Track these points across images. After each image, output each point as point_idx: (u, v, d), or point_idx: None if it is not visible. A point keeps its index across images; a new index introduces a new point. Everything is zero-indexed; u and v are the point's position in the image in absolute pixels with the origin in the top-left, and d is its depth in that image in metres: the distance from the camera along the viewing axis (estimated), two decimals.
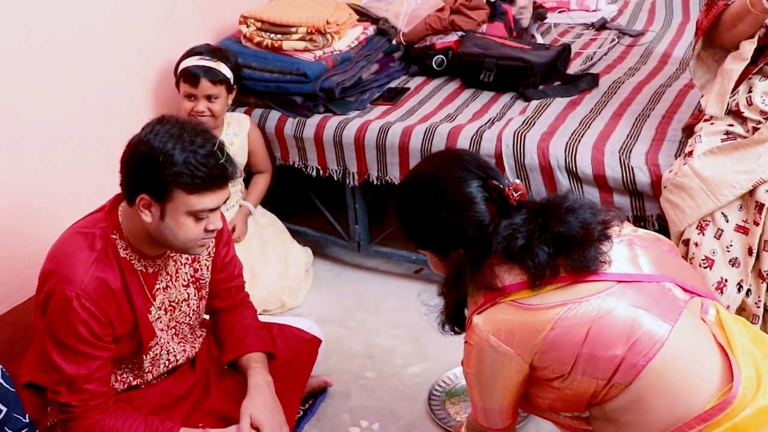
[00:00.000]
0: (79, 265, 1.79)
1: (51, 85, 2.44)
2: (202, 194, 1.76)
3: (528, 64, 2.91)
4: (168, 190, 1.74)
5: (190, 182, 1.73)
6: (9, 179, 2.35)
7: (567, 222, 1.49)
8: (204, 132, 1.80)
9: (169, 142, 1.73)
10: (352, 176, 2.84)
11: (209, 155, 1.74)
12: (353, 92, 2.98)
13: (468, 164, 1.59)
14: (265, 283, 2.79)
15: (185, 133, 1.75)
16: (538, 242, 1.47)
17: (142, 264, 1.90)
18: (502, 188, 1.53)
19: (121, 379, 2.00)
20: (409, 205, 1.62)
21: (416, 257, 2.94)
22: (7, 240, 2.37)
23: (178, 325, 2.04)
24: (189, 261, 2.02)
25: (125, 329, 1.89)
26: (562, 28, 3.76)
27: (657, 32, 3.57)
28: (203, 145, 1.75)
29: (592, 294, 1.45)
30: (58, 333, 1.79)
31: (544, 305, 1.46)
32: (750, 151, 2.01)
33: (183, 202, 1.76)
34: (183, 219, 1.78)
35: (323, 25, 2.89)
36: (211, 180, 1.75)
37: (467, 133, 2.60)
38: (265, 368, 2.09)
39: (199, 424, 2.02)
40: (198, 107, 2.66)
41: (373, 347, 2.63)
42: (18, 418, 1.82)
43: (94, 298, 1.78)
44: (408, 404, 2.37)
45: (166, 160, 1.72)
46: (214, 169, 1.75)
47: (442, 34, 3.26)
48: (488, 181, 1.55)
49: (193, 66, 2.65)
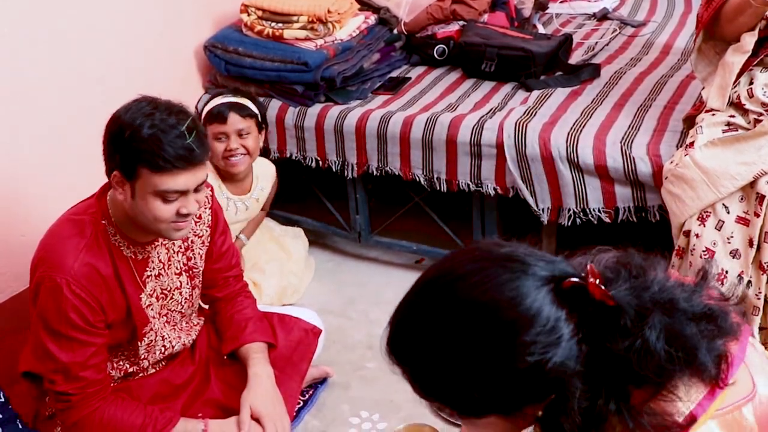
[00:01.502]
0: (69, 251, 1.78)
1: (50, 73, 2.43)
2: (168, 174, 1.71)
3: (530, 54, 2.90)
4: (135, 167, 1.72)
5: (154, 161, 1.69)
6: (8, 168, 2.35)
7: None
8: (179, 112, 1.75)
9: (139, 118, 1.70)
10: (351, 167, 2.84)
11: (178, 135, 1.70)
12: (354, 81, 2.97)
13: (521, 263, 1.08)
14: (267, 286, 2.79)
15: (158, 111, 1.72)
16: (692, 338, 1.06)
17: (131, 251, 1.88)
18: (583, 283, 1.05)
19: (118, 367, 2.00)
20: (449, 355, 1.07)
21: (417, 247, 2.94)
22: (6, 229, 2.37)
23: (170, 313, 2.03)
24: (182, 249, 2.01)
25: (118, 315, 1.88)
26: (563, 18, 3.74)
27: (659, 23, 3.55)
28: (174, 124, 1.71)
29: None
30: (51, 320, 1.78)
31: (735, 405, 1.10)
32: (751, 143, 2.01)
33: (149, 182, 1.72)
34: (150, 199, 1.74)
35: (324, 14, 2.88)
36: (177, 161, 1.70)
37: (468, 123, 2.59)
38: (265, 359, 2.09)
39: (198, 414, 2.02)
40: (231, 145, 2.52)
41: (373, 338, 2.63)
42: None
43: (84, 285, 1.77)
44: (408, 395, 2.35)
45: (133, 136, 1.69)
46: (180, 149, 1.70)
47: (444, 24, 3.25)
48: (561, 282, 1.06)
49: (218, 105, 2.55)
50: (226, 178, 2.63)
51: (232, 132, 2.53)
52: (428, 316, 1.10)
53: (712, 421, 1.06)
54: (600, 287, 1.04)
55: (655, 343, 1.03)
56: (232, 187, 2.65)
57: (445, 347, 1.07)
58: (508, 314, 1.03)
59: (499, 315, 1.04)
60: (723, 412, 1.07)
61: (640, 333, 1.03)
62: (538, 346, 1.02)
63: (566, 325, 1.03)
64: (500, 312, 1.04)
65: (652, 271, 1.11)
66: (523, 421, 1.13)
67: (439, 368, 1.09)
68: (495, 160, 2.55)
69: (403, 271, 3.00)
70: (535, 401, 1.07)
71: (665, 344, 1.03)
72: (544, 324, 1.02)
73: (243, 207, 2.69)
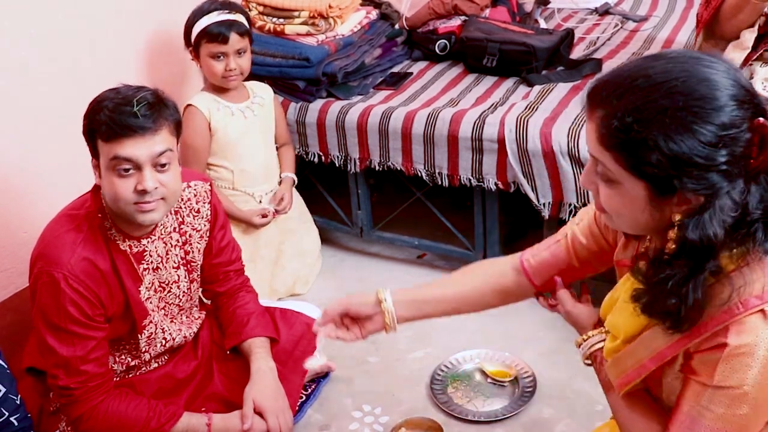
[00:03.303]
0: (66, 246, 1.79)
1: (53, 70, 2.43)
2: (116, 142, 1.72)
3: (531, 49, 2.90)
4: (94, 142, 1.76)
5: (103, 130, 1.72)
6: (10, 165, 2.35)
7: None
8: (141, 88, 1.78)
9: (107, 96, 1.76)
10: (353, 162, 2.84)
11: (128, 104, 1.72)
12: (356, 77, 2.97)
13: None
14: (282, 271, 2.81)
15: (123, 88, 1.77)
16: None
17: (127, 244, 1.89)
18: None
19: (120, 360, 2.00)
20: (660, 107, 1.11)
21: (418, 242, 2.94)
22: (10, 226, 2.38)
23: (168, 306, 2.03)
24: (180, 243, 2.01)
25: (117, 309, 1.89)
26: (565, 13, 3.74)
27: (660, 17, 3.55)
28: (128, 95, 1.75)
29: None
30: (50, 315, 1.79)
31: None
32: None
33: (104, 154, 1.75)
34: (107, 175, 1.76)
35: (326, 9, 2.88)
36: (123, 128, 1.71)
37: (470, 118, 2.60)
38: (267, 353, 2.10)
39: (201, 408, 2.03)
40: (230, 65, 2.52)
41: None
42: (13, 399, 1.83)
43: (82, 279, 1.78)
44: (410, 389, 2.38)
45: (92, 109, 1.75)
46: (127, 116, 1.71)
47: (445, 19, 3.25)
48: (756, 119, 1.12)
49: (216, 23, 2.50)
50: (221, 92, 2.63)
51: (232, 52, 2.53)
52: (636, 71, 1.16)
53: None
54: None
55: None
56: (229, 98, 2.65)
57: (640, 91, 1.13)
58: (696, 86, 1.10)
59: (689, 84, 1.11)
60: None
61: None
62: (720, 129, 1.09)
63: (744, 136, 1.10)
64: (691, 81, 1.11)
65: None
66: (660, 215, 1.18)
67: (630, 109, 1.13)
68: (496, 155, 2.56)
69: (405, 266, 3.01)
70: (691, 190, 1.12)
71: None
72: (729, 119, 1.09)
73: (250, 112, 2.67)
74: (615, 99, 1.15)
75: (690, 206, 1.14)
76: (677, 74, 1.12)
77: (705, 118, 1.09)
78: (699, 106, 1.09)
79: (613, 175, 1.18)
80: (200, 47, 2.54)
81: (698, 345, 1.20)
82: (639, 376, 1.29)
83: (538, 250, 1.63)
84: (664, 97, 1.11)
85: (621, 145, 1.14)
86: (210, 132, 2.60)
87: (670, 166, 1.10)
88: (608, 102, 1.16)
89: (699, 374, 1.21)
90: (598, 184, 1.22)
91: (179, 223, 2.00)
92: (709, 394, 1.20)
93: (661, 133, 1.10)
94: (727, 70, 1.13)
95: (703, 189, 1.11)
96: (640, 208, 1.18)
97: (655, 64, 1.15)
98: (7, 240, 2.38)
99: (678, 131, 1.09)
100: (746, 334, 1.15)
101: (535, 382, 2.32)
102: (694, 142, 1.09)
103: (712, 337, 1.18)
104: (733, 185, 1.11)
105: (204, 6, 2.55)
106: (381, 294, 1.64)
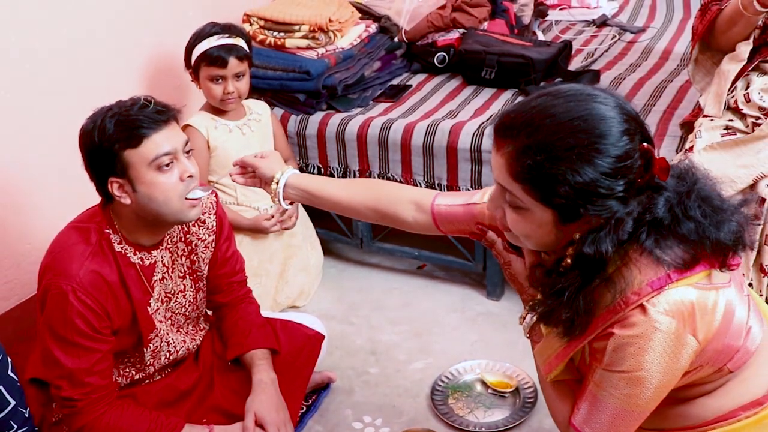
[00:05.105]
0: (74, 259, 1.79)
1: (56, 83, 2.45)
2: (149, 141, 1.75)
3: (529, 61, 2.92)
4: (120, 158, 1.75)
5: (130, 138, 1.73)
6: (14, 177, 2.37)
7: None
8: (131, 98, 1.80)
9: (99, 117, 1.76)
10: (353, 174, 2.86)
11: (140, 107, 1.75)
12: (356, 89, 2.99)
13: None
14: (286, 285, 2.81)
15: (115, 106, 1.79)
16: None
17: (138, 256, 1.90)
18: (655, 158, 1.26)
19: (124, 374, 2.01)
20: (567, 145, 1.22)
21: (419, 253, 2.95)
22: (13, 237, 2.39)
23: (174, 316, 2.04)
24: (186, 253, 2.02)
25: (124, 322, 1.89)
26: (563, 25, 3.77)
27: (658, 29, 3.57)
28: (130, 104, 1.77)
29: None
30: (57, 327, 1.80)
31: (716, 285, 1.32)
32: (750, 146, 2.02)
33: (138, 160, 1.75)
34: (150, 178, 1.77)
35: (326, 23, 2.90)
36: (147, 120, 1.74)
37: (469, 130, 2.61)
38: (269, 365, 2.10)
39: (203, 420, 2.03)
40: (228, 88, 2.55)
41: (376, 343, 2.64)
42: (22, 413, 1.84)
43: (90, 291, 1.78)
44: (411, 400, 2.38)
45: (101, 132, 1.74)
46: (147, 114, 1.75)
47: (444, 32, 3.27)
48: (642, 144, 1.26)
49: (216, 47, 2.53)
50: (220, 112, 2.66)
51: (231, 76, 2.55)
52: (541, 109, 1.27)
53: (691, 287, 1.28)
54: (665, 160, 1.25)
55: (692, 210, 1.28)
56: (226, 116, 2.67)
57: (548, 130, 1.24)
58: (596, 124, 1.23)
59: (590, 123, 1.23)
60: (702, 286, 1.29)
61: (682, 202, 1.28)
62: (617, 161, 1.22)
63: (636, 164, 1.24)
64: (591, 120, 1.23)
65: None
66: (564, 236, 1.31)
67: (540, 146, 1.24)
68: None
69: (405, 277, 3.02)
70: (594, 215, 1.25)
71: (698, 211, 1.28)
72: (623, 152, 1.23)
73: (247, 129, 2.69)
74: (525, 136, 1.25)
75: (591, 226, 1.27)
76: (579, 113, 1.24)
77: (605, 153, 1.22)
78: (599, 142, 1.22)
79: (523, 204, 1.29)
80: (200, 70, 2.57)
81: (591, 340, 1.37)
82: (556, 367, 1.45)
83: (453, 200, 1.68)
84: (569, 136, 1.22)
85: (532, 180, 1.25)
86: (209, 150, 2.62)
87: (576, 196, 1.23)
88: (519, 138, 1.26)
89: (596, 359, 1.37)
90: (505, 209, 1.34)
91: (185, 233, 2.02)
92: (607, 376, 1.34)
93: (569, 168, 1.22)
94: (616, 105, 1.26)
95: (605, 213, 1.24)
96: (546, 231, 1.31)
97: (556, 103, 1.27)
98: (10, 251, 2.39)
99: (583, 166, 1.21)
100: (630, 327, 1.29)
101: (536, 393, 2.32)
102: (596, 174, 1.22)
103: (601, 331, 1.33)
104: (627, 206, 1.25)
105: (205, 29, 2.58)
106: (277, 175, 1.79)
